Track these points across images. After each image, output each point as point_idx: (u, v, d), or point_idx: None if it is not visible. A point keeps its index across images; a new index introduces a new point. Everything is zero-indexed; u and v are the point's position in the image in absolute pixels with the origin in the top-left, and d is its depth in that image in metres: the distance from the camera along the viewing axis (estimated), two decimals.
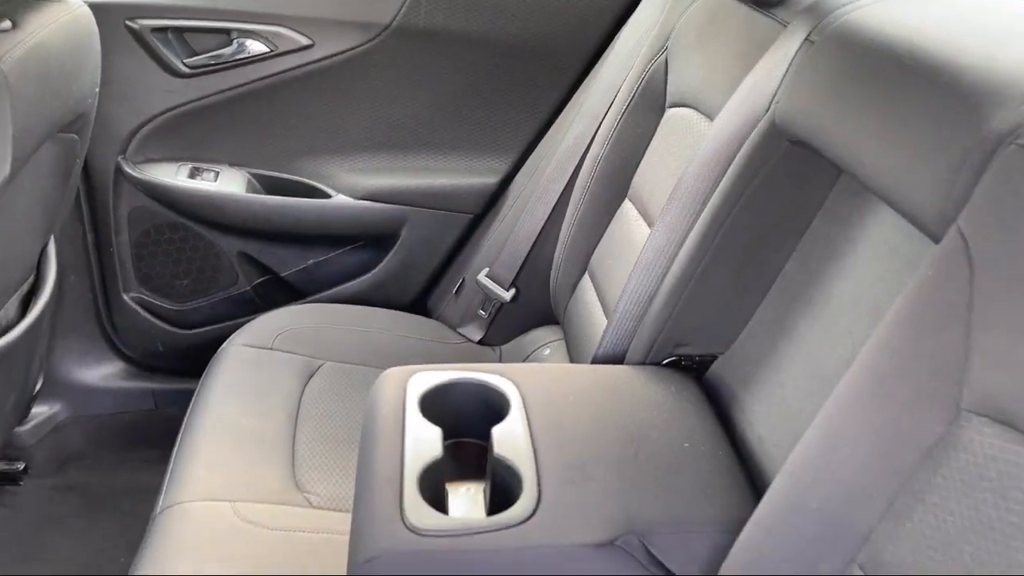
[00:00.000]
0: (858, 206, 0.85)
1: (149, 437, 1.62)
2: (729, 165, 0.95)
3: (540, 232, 1.46)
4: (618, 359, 1.06)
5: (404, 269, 1.63)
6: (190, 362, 1.53)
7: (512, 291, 1.49)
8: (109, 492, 1.59)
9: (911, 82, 0.72)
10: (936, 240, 0.64)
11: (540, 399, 0.91)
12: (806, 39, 0.92)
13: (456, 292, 1.60)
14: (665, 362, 1.02)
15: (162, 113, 1.52)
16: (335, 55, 1.50)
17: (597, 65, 1.49)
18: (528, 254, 1.47)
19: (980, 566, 0.53)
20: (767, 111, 0.93)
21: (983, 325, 0.57)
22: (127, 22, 1.44)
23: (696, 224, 0.98)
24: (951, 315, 0.59)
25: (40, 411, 1.66)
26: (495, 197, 1.60)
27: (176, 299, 1.65)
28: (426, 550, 0.73)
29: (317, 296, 1.65)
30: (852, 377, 0.66)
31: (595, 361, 1.09)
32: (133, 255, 1.61)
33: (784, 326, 0.92)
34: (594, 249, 1.32)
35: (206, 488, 1.08)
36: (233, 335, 1.40)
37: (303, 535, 1.03)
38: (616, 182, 1.31)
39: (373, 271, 1.63)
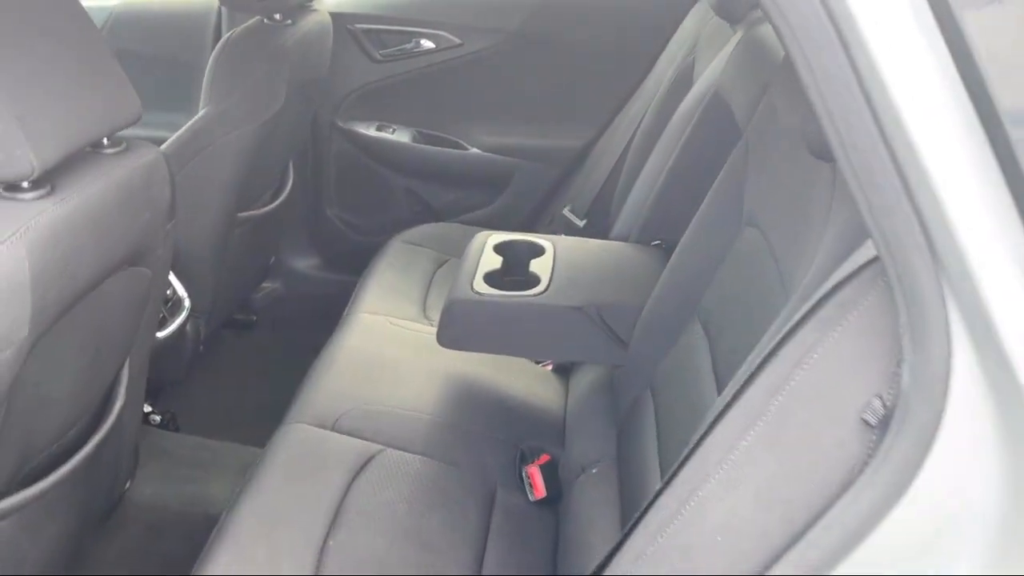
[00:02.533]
0: None
1: (332, 309, 2.35)
2: (691, 117, 1.57)
3: (606, 181, 2.09)
4: (623, 239, 1.70)
5: (513, 204, 2.31)
6: (361, 260, 2.26)
7: (584, 220, 2.13)
8: (302, 345, 2.34)
9: None
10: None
11: (564, 249, 1.57)
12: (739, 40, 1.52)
13: (549, 223, 2.25)
14: (652, 244, 1.64)
15: (361, 87, 2.29)
16: (477, 51, 2.22)
17: (655, 63, 2.11)
18: (597, 195, 2.10)
19: None
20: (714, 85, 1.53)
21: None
22: (347, 25, 2.21)
23: (672, 154, 1.60)
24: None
25: (267, 286, 2.46)
26: (579, 156, 2.25)
27: (359, 215, 2.41)
28: (480, 301, 1.40)
29: (452, 220, 2.35)
30: None
31: (610, 239, 1.73)
32: (336, 183, 2.38)
33: None
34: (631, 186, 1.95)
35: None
36: (394, 237, 2.12)
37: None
38: (651, 143, 1.93)
39: (491, 205, 2.33)
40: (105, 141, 1.10)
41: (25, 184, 0.94)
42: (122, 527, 1.64)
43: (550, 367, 1.73)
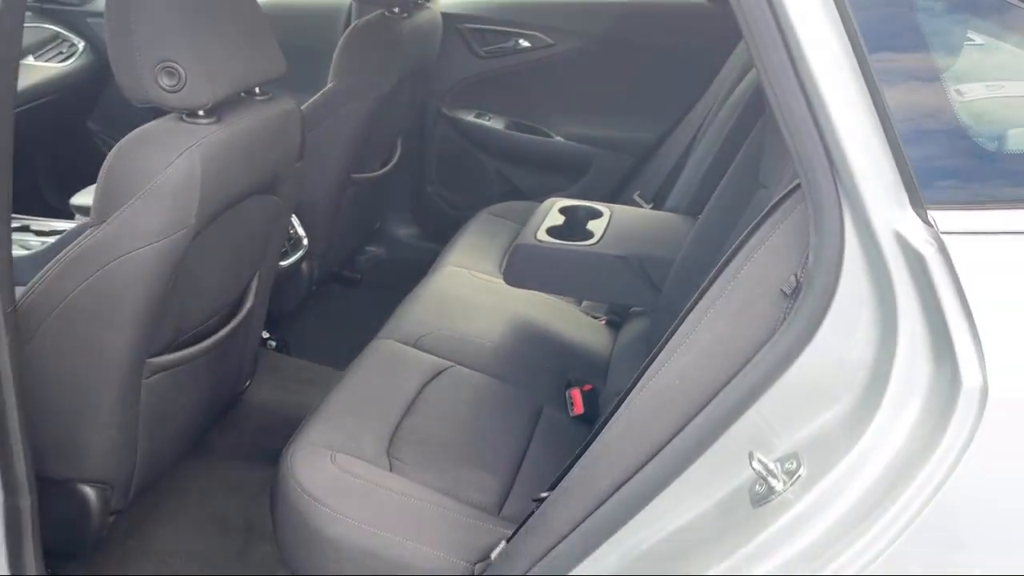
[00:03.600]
0: None
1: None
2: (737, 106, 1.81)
3: (671, 170, 2.33)
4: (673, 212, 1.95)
5: (590, 188, 2.58)
6: (454, 232, 2.56)
7: (651, 205, 2.38)
8: (399, 302, 2.68)
9: None
10: None
11: (618, 214, 1.83)
12: None
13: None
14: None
15: (465, 79, 2.61)
16: (566, 51, 2.51)
17: (722, 67, 2.35)
18: (663, 182, 2.35)
19: None
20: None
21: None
22: (456, 24, 2.55)
23: (718, 140, 1.84)
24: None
25: (371, 249, 2.81)
26: (651, 148, 2.50)
27: (455, 192, 2.74)
28: (538, 246, 1.68)
29: (535, 200, 2.64)
30: None
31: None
32: (437, 163, 2.72)
33: None
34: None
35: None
36: (483, 210, 2.43)
37: None
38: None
39: (570, 188, 2.60)
40: (257, 90, 1.44)
41: (201, 112, 1.28)
42: (236, 425, 1.99)
43: (604, 321, 2.00)
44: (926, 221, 0.80)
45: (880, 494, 0.80)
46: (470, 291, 2.00)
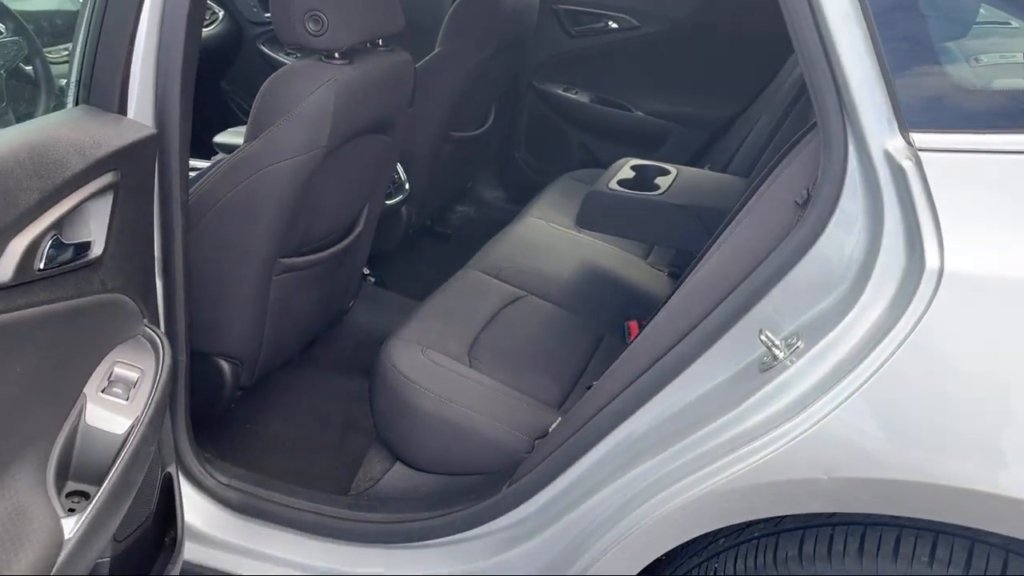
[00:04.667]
0: None
1: None
2: (798, 82, 2.00)
3: (740, 145, 2.52)
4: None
5: (665, 160, 2.78)
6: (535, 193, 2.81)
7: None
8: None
9: None
10: None
11: (684, 172, 2.05)
12: None
13: None
14: None
15: (556, 55, 2.86)
16: (651, 32, 2.74)
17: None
18: (732, 156, 2.54)
19: None
20: None
21: None
22: (552, 5, 2.80)
23: (778, 114, 2.04)
24: None
25: (461, 208, 3.09)
26: (725, 125, 2.70)
27: (540, 160, 2.99)
28: (608, 193, 1.92)
29: None
30: None
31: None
32: (525, 131, 2.98)
33: None
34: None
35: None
36: (563, 176, 2.68)
37: None
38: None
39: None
40: (380, 42, 1.73)
41: (337, 55, 1.57)
42: (339, 340, 2.29)
43: (666, 273, 2.22)
44: (908, 142, 1.01)
45: (856, 354, 1.02)
46: (547, 238, 2.25)
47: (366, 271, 2.53)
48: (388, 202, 2.25)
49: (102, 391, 1.07)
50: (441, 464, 1.60)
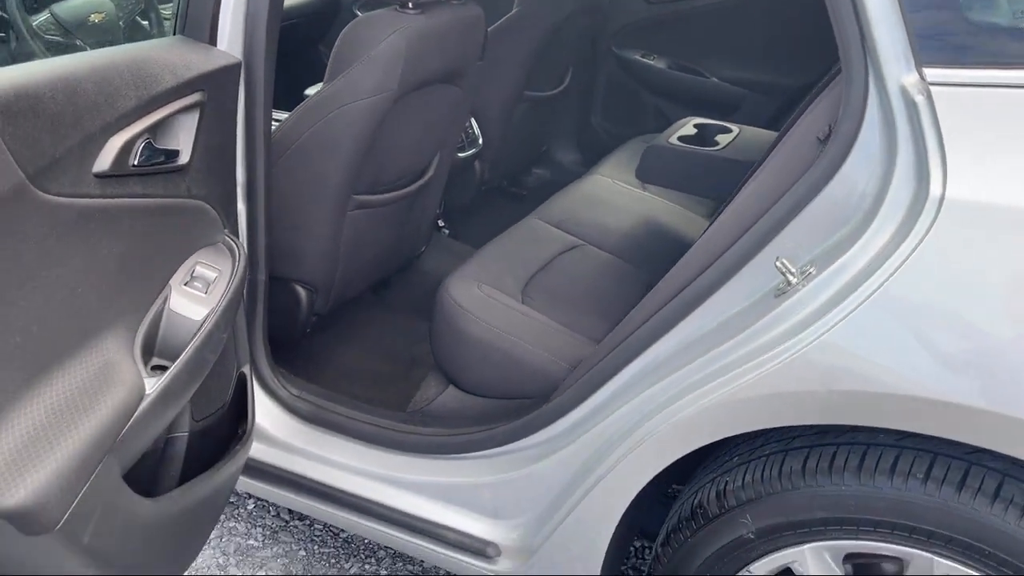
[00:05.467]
0: None
1: None
2: None
3: None
4: None
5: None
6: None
7: None
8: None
9: None
10: None
11: (746, 131, 2.10)
12: None
13: None
14: None
15: (635, 22, 2.93)
16: (728, 1, 2.77)
17: None
18: None
19: None
20: None
21: None
22: None
23: None
24: None
25: (537, 171, 3.19)
26: (799, 93, 2.70)
27: (616, 125, 3.06)
28: (668, 147, 1.99)
29: None
30: None
31: None
32: (602, 97, 3.05)
33: None
34: None
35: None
36: (634, 138, 2.74)
37: None
38: None
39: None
40: None
41: (410, 5, 1.70)
42: (410, 284, 2.43)
43: None
44: (921, 76, 1.06)
45: (859, 278, 1.08)
46: (610, 194, 2.34)
47: (440, 224, 2.68)
48: (461, 155, 2.38)
49: (185, 284, 1.23)
50: (488, 388, 1.72)
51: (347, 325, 2.20)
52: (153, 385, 1.07)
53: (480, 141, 2.45)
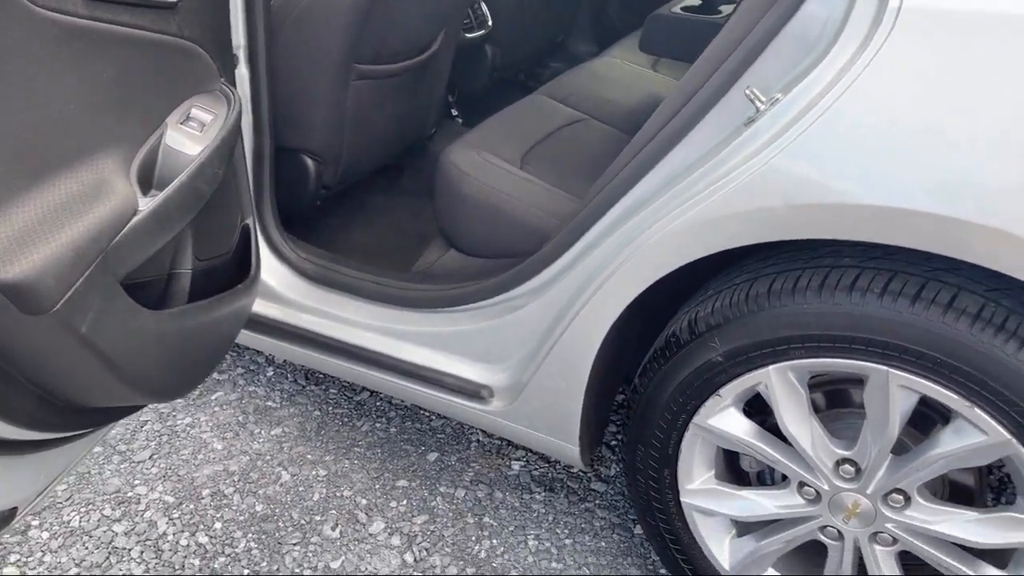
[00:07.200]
0: None
1: None
2: None
3: None
4: None
5: None
6: None
7: None
8: None
9: None
10: None
11: None
12: None
13: None
14: None
15: None
16: None
17: None
18: None
19: None
20: None
21: None
22: None
23: None
24: None
25: (552, 64, 3.19)
26: None
27: (633, 15, 3.02)
28: (670, 16, 1.98)
29: None
30: None
31: None
32: None
33: None
34: None
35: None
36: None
37: None
38: None
39: None
40: None
41: None
42: (420, 168, 2.48)
43: None
44: None
45: (818, 96, 1.10)
46: (619, 73, 2.34)
47: (454, 112, 2.71)
48: (469, 35, 2.40)
49: (180, 123, 1.30)
50: (486, 248, 1.79)
51: (359, 204, 2.27)
52: (146, 203, 1.14)
53: (489, 23, 2.46)
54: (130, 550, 1.67)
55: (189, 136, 1.31)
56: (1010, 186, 1.01)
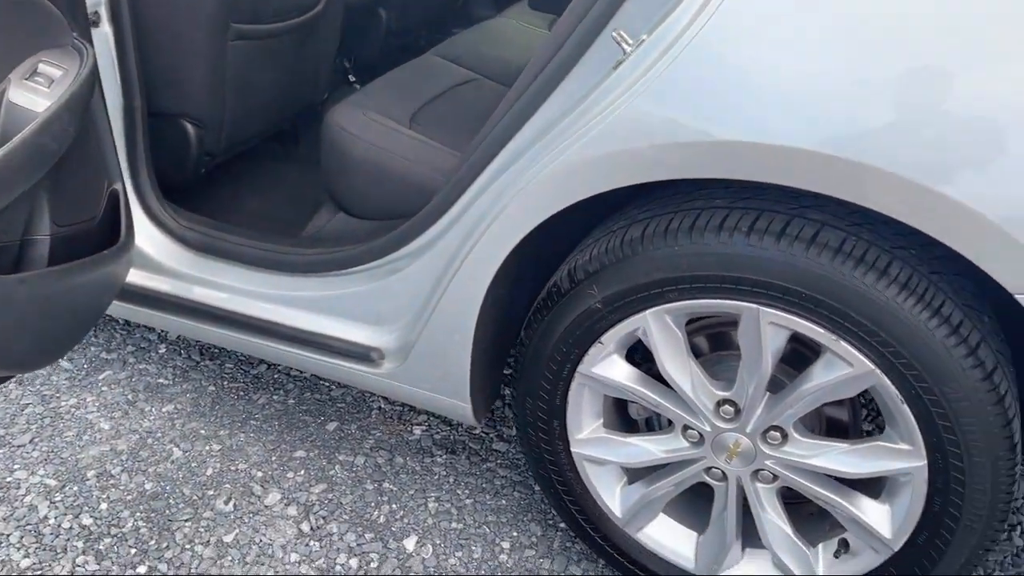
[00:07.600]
0: None
1: None
2: None
3: None
4: None
5: None
6: None
7: None
8: None
9: None
10: None
11: None
12: None
13: None
14: None
15: None
16: None
17: None
18: None
19: None
20: None
21: None
22: None
23: None
24: None
25: (455, 30, 3.14)
26: None
27: None
28: None
29: None
30: None
31: None
32: None
33: None
34: None
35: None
36: None
37: None
38: None
39: None
40: None
41: None
42: (315, 137, 2.41)
43: None
44: None
45: (678, 34, 1.10)
46: (513, 33, 2.32)
47: (352, 79, 2.65)
48: None
49: (25, 79, 1.23)
50: (375, 209, 1.75)
51: (250, 172, 2.20)
52: None
53: None
54: (8, 535, 1.59)
55: (34, 92, 1.24)
56: (876, 120, 1.02)
